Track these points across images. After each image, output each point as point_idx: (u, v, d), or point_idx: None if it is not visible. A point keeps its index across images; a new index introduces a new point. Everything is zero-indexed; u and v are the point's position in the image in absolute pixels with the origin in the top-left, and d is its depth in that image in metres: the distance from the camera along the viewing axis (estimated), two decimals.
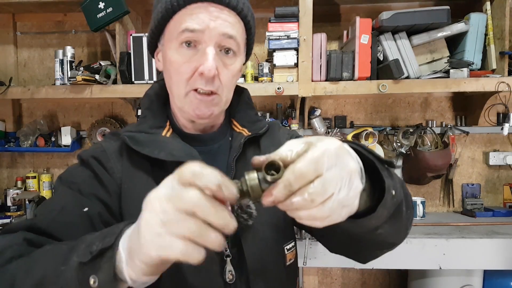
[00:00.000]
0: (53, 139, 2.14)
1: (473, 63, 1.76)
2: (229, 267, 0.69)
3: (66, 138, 2.10)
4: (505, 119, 1.89)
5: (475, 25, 1.77)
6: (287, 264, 0.75)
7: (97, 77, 1.82)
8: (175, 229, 0.39)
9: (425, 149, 2.01)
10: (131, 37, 1.82)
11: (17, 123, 2.22)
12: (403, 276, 2.11)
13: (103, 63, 1.88)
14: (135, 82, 1.83)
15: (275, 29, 1.74)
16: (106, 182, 0.70)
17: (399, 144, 2.02)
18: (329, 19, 2.09)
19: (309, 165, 0.41)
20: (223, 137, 0.79)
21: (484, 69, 1.80)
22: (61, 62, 1.91)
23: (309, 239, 1.61)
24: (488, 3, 1.77)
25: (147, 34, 0.78)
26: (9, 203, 2.05)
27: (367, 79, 1.76)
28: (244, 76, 1.88)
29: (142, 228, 0.41)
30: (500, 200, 2.10)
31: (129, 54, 1.83)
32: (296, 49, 1.75)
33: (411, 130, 2.03)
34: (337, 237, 0.70)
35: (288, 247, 0.76)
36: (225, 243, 0.42)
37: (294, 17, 1.74)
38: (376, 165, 0.52)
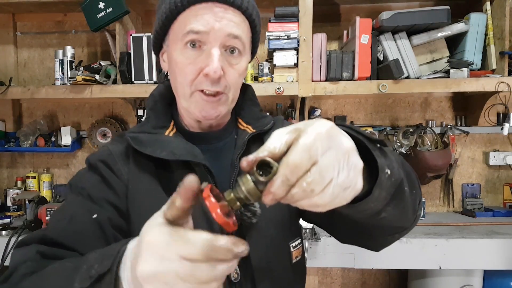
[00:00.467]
0: (53, 139, 2.13)
1: (473, 63, 1.76)
2: None
3: (66, 138, 2.10)
4: (505, 119, 1.89)
5: (475, 25, 1.76)
6: (293, 261, 0.75)
7: (97, 77, 1.82)
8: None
9: (425, 149, 2.01)
10: (131, 37, 1.82)
11: (17, 123, 2.22)
12: (403, 276, 2.11)
13: (103, 63, 1.88)
14: (135, 82, 1.83)
15: (275, 29, 1.74)
16: (115, 185, 0.70)
17: (399, 144, 2.02)
18: (329, 19, 2.09)
19: (302, 154, 0.39)
20: (229, 134, 0.79)
21: (484, 69, 1.80)
22: (61, 62, 1.91)
23: (309, 239, 1.61)
24: (488, 3, 1.77)
25: (151, 35, 0.78)
26: (9, 203, 2.05)
27: (367, 79, 1.76)
28: None
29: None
30: (500, 200, 2.10)
31: (129, 54, 1.83)
32: (296, 49, 1.75)
33: (411, 130, 2.02)
34: (344, 226, 0.70)
35: (293, 244, 0.76)
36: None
37: (294, 17, 1.74)
38: (366, 144, 0.50)
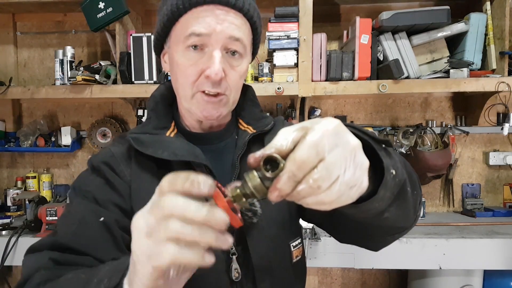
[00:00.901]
0: (53, 139, 2.13)
1: (473, 63, 1.76)
2: (234, 265, 0.69)
3: (66, 138, 2.10)
4: (505, 119, 1.89)
5: (475, 25, 1.76)
6: (294, 261, 0.75)
7: (97, 77, 1.82)
8: (160, 235, 0.38)
9: (425, 149, 2.01)
10: (131, 37, 1.82)
11: (17, 123, 2.22)
12: (403, 276, 2.11)
13: (103, 63, 1.88)
14: (135, 82, 1.83)
15: (275, 29, 1.74)
16: (118, 186, 0.71)
17: (399, 144, 2.02)
18: (329, 19, 2.09)
19: (310, 150, 0.39)
20: (229, 135, 0.79)
21: (484, 69, 1.80)
22: (61, 62, 1.91)
23: (309, 239, 1.61)
24: (488, 3, 1.77)
25: (153, 36, 0.79)
26: (9, 203, 2.05)
27: (367, 79, 1.76)
28: None
29: (133, 247, 0.41)
30: (500, 200, 2.10)
31: (129, 54, 1.83)
32: (296, 49, 1.75)
33: (411, 130, 2.02)
34: (345, 226, 0.70)
35: (294, 244, 0.76)
36: (231, 240, 0.40)
37: (294, 17, 1.74)
38: (372, 145, 0.50)
